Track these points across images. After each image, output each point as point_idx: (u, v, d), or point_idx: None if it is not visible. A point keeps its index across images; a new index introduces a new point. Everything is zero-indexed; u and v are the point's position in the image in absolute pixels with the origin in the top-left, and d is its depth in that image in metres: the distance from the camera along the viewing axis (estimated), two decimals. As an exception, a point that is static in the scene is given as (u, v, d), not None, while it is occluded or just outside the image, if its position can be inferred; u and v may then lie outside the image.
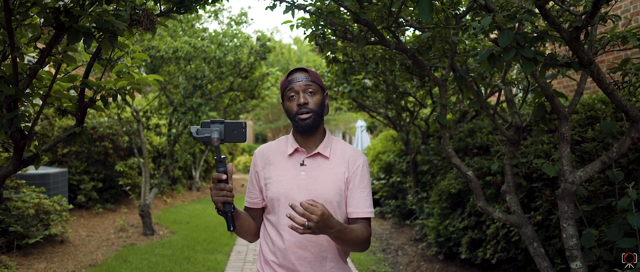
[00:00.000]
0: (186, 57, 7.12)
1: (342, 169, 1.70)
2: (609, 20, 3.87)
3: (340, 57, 4.62)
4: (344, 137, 27.95)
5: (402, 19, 3.30)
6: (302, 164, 1.70)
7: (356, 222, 1.68)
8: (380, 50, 4.17)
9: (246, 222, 1.73)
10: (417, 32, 4.47)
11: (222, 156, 1.51)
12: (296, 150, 1.72)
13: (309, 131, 1.69)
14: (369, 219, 1.70)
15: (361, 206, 1.68)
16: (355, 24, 3.37)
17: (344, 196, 1.69)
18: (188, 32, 7.78)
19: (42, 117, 7.50)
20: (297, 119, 1.68)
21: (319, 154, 1.72)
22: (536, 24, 2.98)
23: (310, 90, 1.68)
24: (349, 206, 1.69)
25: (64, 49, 2.20)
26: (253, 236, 1.79)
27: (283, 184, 1.68)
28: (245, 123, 1.53)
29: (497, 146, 4.34)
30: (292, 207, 1.43)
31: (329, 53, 4.23)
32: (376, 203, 8.53)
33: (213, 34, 8.18)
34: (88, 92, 2.41)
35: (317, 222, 1.43)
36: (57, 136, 2.45)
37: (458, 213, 4.74)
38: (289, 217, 1.43)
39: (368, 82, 5.57)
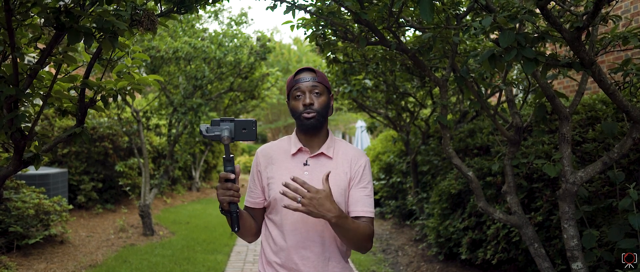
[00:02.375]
0: (186, 57, 7.12)
1: (344, 169, 1.70)
2: (609, 21, 3.86)
3: (341, 57, 4.62)
4: (343, 138, 27.96)
5: (402, 19, 3.30)
6: (305, 164, 1.70)
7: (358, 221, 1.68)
8: (381, 51, 4.16)
9: (247, 222, 1.73)
10: (417, 33, 4.47)
11: (231, 155, 1.50)
12: (300, 149, 1.72)
13: (312, 131, 1.70)
14: (371, 219, 1.68)
15: (361, 205, 1.67)
16: (356, 24, 3.37)
17: (347, 196, 1.69)
18: (188, 32, 7.78)
19: (42, 117, 7.49)
20: (302, 118, 1.68)
21: (322, 154, 1.72)
22: (537, 24, 2.98)
23: (316, 91, 1.68)
24: (350, 205, 1.69)
25: (64, 49, 2.20)
26: (253, 236, 1.79)
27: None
28: (256, 121, 1.51)
29: (498, 146, 4.34)
30: (285, 184, 1.46)
31: (329, 53, 4.23)
32: (376, 203, 8.51)
33: (213, 34, 8.18)
34: (88, 93, 2.40)
35: (311, 201, 1.45)
36: (57, 136, 2.45)
37: (458, 214, 4.74)
38: (283, 194, 1.46)
39: (368, 83, 5.57)
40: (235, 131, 1.49)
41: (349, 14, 3.18)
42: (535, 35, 2.29)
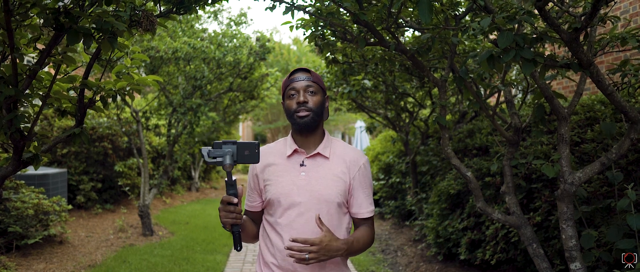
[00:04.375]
0: (185, 57, 7.12)
1: (342, 169, 1.70)
2: (608, 22, 3.87)
3: (340, 57, 4.63)
4: (343, 138, 27.95)
5: (401, 20, 3.31)
6: (301, 165, 1.70)
7: (361, 223, 1.73)
8: (380, 51, 4.17)
9: (248, 227, 1.75)
10: (416, 33, 4.48)
11: (234, 179, 1.50)
12: (295, 151, 1.72)
13: (306, 130, 1.69)
14: (372, 217, 1.75)
15: (365, 207, 1.72)
16: (355, 25, 3.37)
17: (345, 196, 1.69)
18: (187, 32, 7.78)
19: (41, 117, 7.49)
20: (296, 117, 1.68)
21: (318, 154, 1.71)
22: (536, 25, 2.99)
23: (311, 89, 1.69)
24: (353, 206, 1.72)
25: (63, 50, 2.20)
26: (253, 238, 1.80)
27: (283, 185, 1.68)
28: (258, 143, 1.50)
29: (497, 146, 4.35)
30: (288, 248, 1.52)
31: (328, 54, 4.24)
32: (376, 204, 8.52)
33: (212, 34, 8.18)
34: (87, 93, 2.41)
35: (318, 252, 1.51)
36: (57, 136, 2.45)
37: (457, 214, 4.74)
38: (290, 256, 1.52)
39: (367, 83, 5.57)
40: (237, 154, 1.48)
41: (348, 14, 3.19)
42: (534, 36, 2.30)
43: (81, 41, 1.91)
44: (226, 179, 1.50)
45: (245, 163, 1.49)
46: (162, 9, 2.28)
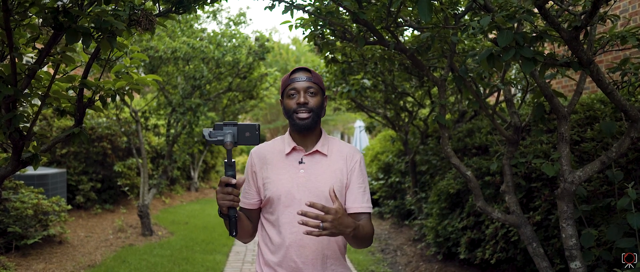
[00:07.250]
0: (185, 57, 7.11)
1: (340, 165, 1.72)
2: (608, 20, 3.87)
3: (339, 57, 4.62)
4: (342, 138, 27.97)
5: (401, 19, 3.30)
6: (300, 162, 1.71)
7: (357, 218, 1.69)
8: (379, 51, 4.17)
9: (244, 223, 1.73)
10: (416, 32, 4.47)
11: (233, 160, 1.50)
12: (294, 149, 1.73)
13: (305, 130, 1.70)
14: (369, 214, 1.71)
15: (360, 201, 1.70)
16: (354, 24, 3.37)
17: (343, 192, 1.70)
18: (187, 32, 7.77)
19: (40, 117, 7.48)
20: (295, 117, 1.69)
21: (317, 151, 1.73)
22: (535, 23, 2.98)
23: (311, 90, 1.69)
24: (348, 201, 1.71)
25: (62, 49, 2.20)
26: (249, 237, 1.79)
27: (283, 183, 1.68)
28: (259, 125, 1.51)
29: (496, 145, 4.34)
30: (302, 214, 1.40)
31: (327, 53, 4.23)
32: (375, 203, 8.52)
33: (211, 34, 8.17)
34: (87, 93, 2.40)
35: (333, 222, 1.42)
36: (56, 136, 2.45)
37: (457, 213, 4.74)
38: (302, 223, 1.41)
39: (367, 82, 5.57)
40: (238, 135, 1.49)
41: (347, 13, 3.18)
42: (534, 34, 2.29)
43: (80, 40, 1.91)
44: (225, 159, 1.50)
45: (246, 144, 1.50)
46: (161, 8, 2.27)
